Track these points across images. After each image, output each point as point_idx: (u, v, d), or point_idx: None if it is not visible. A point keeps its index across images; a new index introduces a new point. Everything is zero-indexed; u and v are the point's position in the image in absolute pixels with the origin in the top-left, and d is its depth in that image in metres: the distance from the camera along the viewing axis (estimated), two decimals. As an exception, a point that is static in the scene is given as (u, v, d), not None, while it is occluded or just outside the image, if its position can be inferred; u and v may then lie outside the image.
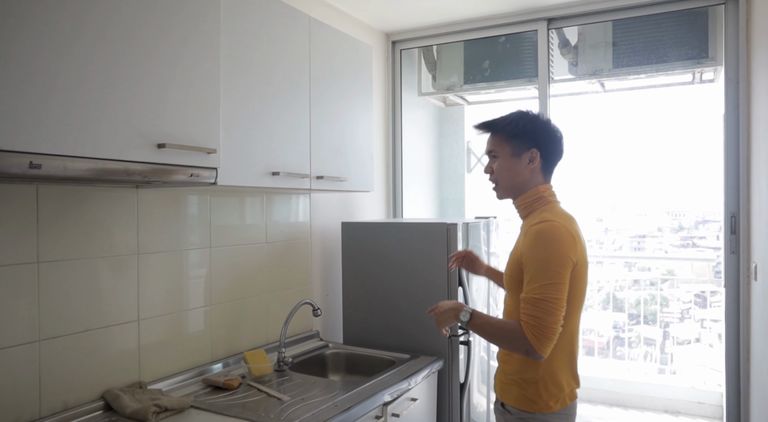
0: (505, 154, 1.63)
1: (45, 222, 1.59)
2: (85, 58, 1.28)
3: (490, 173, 1.69)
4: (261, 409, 1.76)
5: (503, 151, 1.63)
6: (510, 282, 1.61)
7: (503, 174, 1.64)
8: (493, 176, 1.68)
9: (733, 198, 2.62)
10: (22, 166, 1.17)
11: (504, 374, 1.65)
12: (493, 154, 1.66)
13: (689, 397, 4.05)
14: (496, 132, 1.66)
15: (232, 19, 1.77)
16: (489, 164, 1.69)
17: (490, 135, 1.69)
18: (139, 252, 1.86)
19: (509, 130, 1.63)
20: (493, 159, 1.67)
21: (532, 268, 1.48)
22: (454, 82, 3.54)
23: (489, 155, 1.69)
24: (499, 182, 1.67)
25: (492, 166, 1.67)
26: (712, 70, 3.12)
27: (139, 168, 1.42)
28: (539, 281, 1.46)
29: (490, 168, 1.68)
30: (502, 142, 1.64)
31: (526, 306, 1.47)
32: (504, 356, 1.65)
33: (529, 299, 1.46)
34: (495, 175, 1.67)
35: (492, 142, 1.67)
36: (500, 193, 1.69)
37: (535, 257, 1.49)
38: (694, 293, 5.54)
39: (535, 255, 1.48)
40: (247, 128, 1.84)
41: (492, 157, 1.67)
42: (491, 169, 1.68)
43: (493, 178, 1.69)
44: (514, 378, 1.60)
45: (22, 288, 1.54)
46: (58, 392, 1.62)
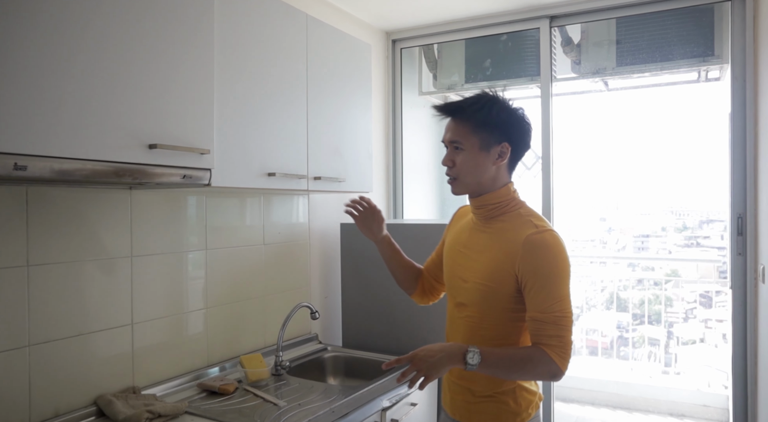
0: (471, 147, 1.39)
1: (35, 225, 1.56)
2: (72, 56, 1.24)
3: (450, 166, 1.43)
4: (257, 415, 1.72)
5: (470, 143, 1.39)
6: (487, 294, 1.39)
7: (467, 169, 1.40)
8: (454, 170, 1.42)
9: (740, 198, 2.57)
10: (6, 167, 1.14)
11: (471, 393, 1.45)
12: (457, 145, 1.41)
13: (694, 400, 4.01)
14: (462, 118, 1.40)
15: (226, 16, 1.73)
16: (449, 156, 1.43)
17: (452, 121, 1.43)
18: (133, 255, 1.83)
19: (479, 118, 1.38)
20: (456, 150, 1.41)
21: (544, 283, 1.32)
22: (455, 81, 3.50)
23: (450, 145, 1.43)
24: (459, 177, 1.42)
25: (454, 158, 1.42)
26: (718, 68, 3.08)
27: (130, 169, 1.38)
28: (555, 297, 1.31)
29: (450, 160, 1.42)
30: (469, 133, 1.39)
31: (548, 326, 1.31)
32: (470, 374, 1.40)
33: (551, 318, 1.31)
34: (456, 169, 1.42)
35: (456, 130, 1.41)
36: (459, 188, 1.45)
37: (545, 271, 1.32)
38: (699, 293, 5.50)
39: (546, 270, 1.32)
40: (242, 128, 1.80)
41: (455, 147, 1.42)
42: (452, 161, 1.42)
43: (452, 172, 1.43)
44: (487, 394, 1.42)
45: (11, 292, 1.51)
46: (49, 398, 1.59)
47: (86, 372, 1.69)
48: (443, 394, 1.57)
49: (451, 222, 1.67)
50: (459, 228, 1.57)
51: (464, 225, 1.55)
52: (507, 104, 1.42)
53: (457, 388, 1.49)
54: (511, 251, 1.36)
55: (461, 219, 1.60)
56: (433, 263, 1.73)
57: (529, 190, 4.24)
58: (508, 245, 1.37)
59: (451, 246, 1.55)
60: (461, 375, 1.46)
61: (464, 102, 1.42)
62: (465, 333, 1.46)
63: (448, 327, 1.57)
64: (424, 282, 1.75)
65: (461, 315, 1.46)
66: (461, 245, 1.50)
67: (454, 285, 1.51)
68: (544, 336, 1.31)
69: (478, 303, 1.42)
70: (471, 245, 1.47)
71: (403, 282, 1.75)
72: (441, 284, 1.72)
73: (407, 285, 1.75)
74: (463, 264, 1.47)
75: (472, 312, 1.43)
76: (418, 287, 1.75)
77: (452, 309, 1.52)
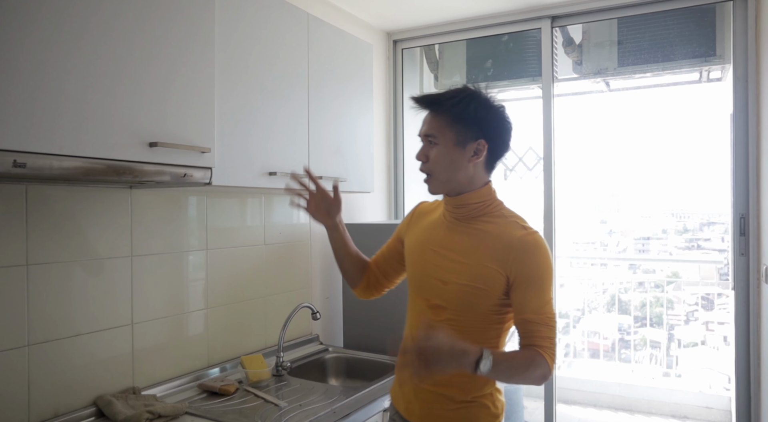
0: (447, 141, 1.34)
1: (35, 224, 1.55)
2: (73, 54, 1.23)
3: (423, 161, 1.39)
4: (257, 416, 1.71)
5: (445, 137, 1.34)
6: (472, 295, 1.33)
7: (441, 165, 1.35)
8: (427, 165, 1.38)
9: (742, 199, 2.56)
10: (5, 164, 1.13)
11: (449, 400, 1.37)
12: (432, 139, 1.36)
13: (697, 402, 3.99)
14: (439, 112, 1.36)
15: (227, 15, 1.72)
16: (423, 150, 1.38)
17: (429, 114, 1.38)
18: (133, 255, 1.82)
19: (457, 112, 1.33)
20: (431, 145, 1.37)
21: (537, 285, 1.29)
22: (456, 81, 3.50)
23: (425, 139, 1.38)
24: (434, 173, 1.37)
25: (427, 152, 1.37)
26: (719, 68, 3.07)
27: (130, 167, 1.37)
28: (546, 299, 1.30)
29: (424, 155, 1.38)
30: (445, 127, 1.34)
31: (542, 328, 1.28)
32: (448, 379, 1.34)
33: (544, 320, 1.28)
34: (430, 165, 1.37)
35: (432, 123, 1.36)
36: (435, 186, 1.40)
37: (539, 272, 1.30)
38: (700, 295, 5.49)
39: (539, 271, 1.30)
40: (243, 127, 1.79)
41: (429, 142, 1.37)
42: (426, 156, 1.38)
43: (426, 167, 1.38)
44: (466, 400, 1.36)
45: (11, 292, 1.50)
46: (48, 398, 1.58)
47: (86, 372, 1.67)
48: (407, 405, 1.45)
49: (411, 218, 1.58)
50: (425, 226, 1.49)
51: (433, 223, 1.47)
52: (487, 100, 1.37)
53: (431, 396, 1.39)
54: (501, 252, 1.31)
55: (424, 217, 1.53)
56: (383, 258, 1.63)
57: (530, 191, 4.24)
58: (497, 246, 1.32)
59: (420, 244, 1.46)
60: (438, 382, 1.36)
61: (443, 95, 1.37)
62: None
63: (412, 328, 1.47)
64: (370, 276, 1.65)
65: (438, 318, 1.38)
66: (436, 245, 1.42)
67: (428, 286, 1.41)
68: (538, 338, 1.27)
69: (460, 306, 1.35)
70: (450, 245, 1.39)
71: (350, 274, 1.64)
72: (388, 280, 1.65)
73: (353, 277, 1.64)
74: (442, 264, 1.39)
75: (452, 315, 1.36)
76: (363, 280, 1.65)
77: (424, 312, 1.42)
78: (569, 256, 5.83)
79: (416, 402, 1.41)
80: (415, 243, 1.49)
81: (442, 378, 1.33)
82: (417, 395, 1.41)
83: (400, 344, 1.31)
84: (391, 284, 1.66)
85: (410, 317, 1.50)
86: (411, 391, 1.43)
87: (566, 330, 5.34)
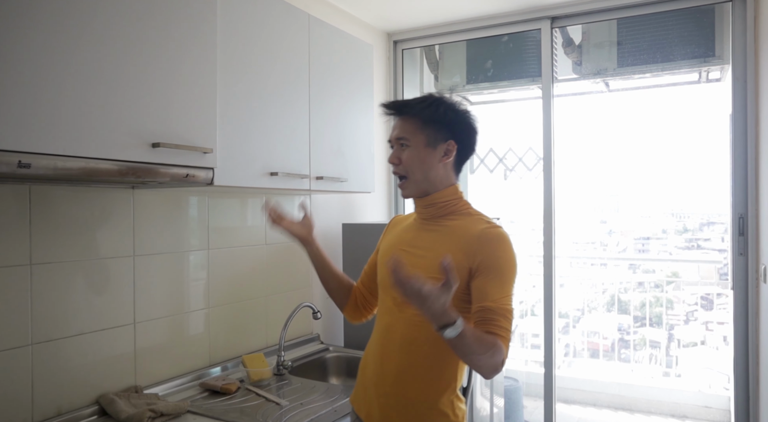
0: (418, 143, 1.40)
1: (38, 224, 1.56)
2: (77, 55, 1.24)
3: (396, 164, 1.43)
4: (259, 414, 1.72)
5: (417, 140, 1.40)
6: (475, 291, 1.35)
7: (415, 166, 1.41)
8: (401, 167, 1.43)
9: (741, 199, 2.57)
10: (10, 165, 1.14)
11: (410, 406, 1.37)
12: (403, 142, 1.42)
13: (696, 401, 4.00)
14: (410, 115, 1.42)
15: (229, 16, 1.73)
16: (396, 153, 1.44)
17: (399, 119, 1.44)
18: (135, 254, 1.83)
19: (427, 114, 1.40)
20: (402, 147, 1.42)
21: (497, 275, 1.31)
22: (456, 82, 3.51)
23: (397, 142, 1.43)
24: (409, 175, 1.42)
25: (400, 155, 1.42)
26: (718, 68, 3.08)
27: (133, 167, 1.38)
28: (505, 292, 1.30)
29: (397, 157, 1.43)
30: (416, 129, 1.40)
31: (499, 317, 1.27)
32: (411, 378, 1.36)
33: (501, 311, 1.28)
34: (404, 166, 1.42)
35: (403, 127, 1.42)
36: (410, 189, 1.44)
37: (500, 263, 1.32)
38: (700, 295, 5.50)
39: (501, 262, 1.32)
40: (244, 128, 1.80)
41: (401, 145, 1.42)
42: (398, 158, 1.43)
43: (400, 169, 1.43)
44: (430, 403, 1.36)
45: (14, 291, 1.51)
46: (52, 396, 1.59)
47: (88, 371, 1.69)
48: (368, 410, 1.45)
49: (386, 231, 1.63)
50: (398, 231, 1.54)
51: (405, 228, 1.52)
52: (455, 104, 1.44)
53: (391, 401, 1.39)
54: (465, 244, 1.35)
55: (398, 225, 1.58)
56: (366, 275, 1.64)
57: (529, 191, 4.25)
58: (462, 239, 1.36)
59: (391, 246, 1.50)
60: (396, 381, 1.38)
61: (412, 100, 1.45)
62: (406, 333, 1.39)
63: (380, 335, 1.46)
64: (357, 296, 1.65)
65: (404, 315, 1.39)
66: (405, 244, 1.46)
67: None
68: (495, 326, 1.26)
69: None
70: (418, 243, 1.43)
71: (337, 292, 1.64)
72: (375, 299, 1.62)
73: (341, 296, 1.65)
74: (409, 261, 1.38)
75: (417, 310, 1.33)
76: (350, 301, 1.65)
77: (391, 310, 1.43)
78: (569, 256, 5.84)
79: (377, 408, 1.42)
80: (386, 247, 1.53)
81: (401, 379, 1.36)
82: (378, 399, 1.41)
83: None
84: (373, 303, 1.64)
85: (378, 321, 1.51)
86: (373, 396, 1.43)
87: (566, 330, 5.35)
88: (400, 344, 1.39)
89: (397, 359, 1.39)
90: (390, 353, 1.41)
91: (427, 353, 1.36)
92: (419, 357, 1.37)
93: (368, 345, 1.52)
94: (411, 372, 1.37)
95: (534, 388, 3.98)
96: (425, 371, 1.37)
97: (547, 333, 2.97)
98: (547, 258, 2.96)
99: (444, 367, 1.37)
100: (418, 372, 1.37)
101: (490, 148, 4.22)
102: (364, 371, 1.50)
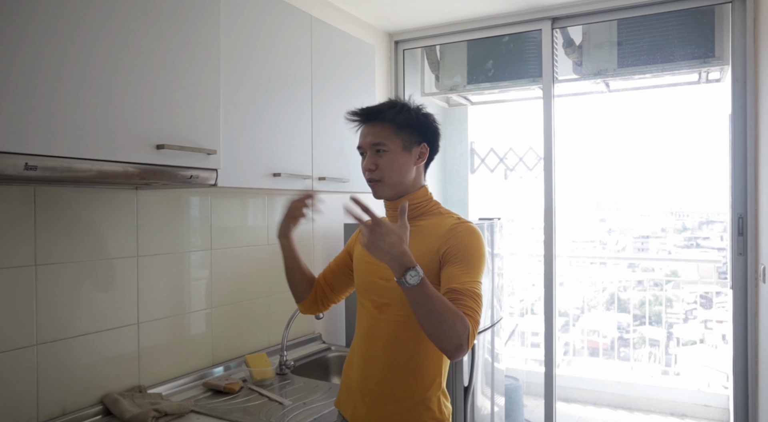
0: (395, 148, 1.42)
1: (42, 225, 1.57)
2: (82, 57, 1.25)
3: (373, 169, 1.43)
4: (262, 414, 1.73)
5: (393, 144, 1.41)
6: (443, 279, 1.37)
7: (392, 170, 1.42)
8: (377, 172, 1.43)
9: (741, 199, 2.59)
10: (17, 167, 1.15)
11: (396, 403, 1.38)
12: (380, 148, 1.42)
13: (695, 400, 4.02)
14: (384, 121, 1.42)
15: (232, 18, 1.74)
16: (371, 160, 1.43)
17: (370, 125, 1.45)
18: (139, 255, 1.84)
19: (401, 119, 1.42)
20: (379, 153, 1.42)
21: (465, 260, 1.32)
22: (457, 82, 3.52)
23: (372, 148, 1.43)
24: (385, 179, 1.43)
25: (377, 161, 1.42)
26: (718, 69, 3.09)
27: (138, 169, 1.39)
28: (473, 277, 1.31)
29: (373, 164, 1.42)
30: (392, 134, 1.42)
31: (466, 299, 1.26)
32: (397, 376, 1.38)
33: (468, 292, 1.27)
34: (380, 171, 1.42)
35: (378, 133, 1.42)
36: (383, 190, 1.45)
37: (468, 251, 1.34)
38: (699, 294, 5.51)
39: (468, 250, 1.34)
40: (247, 129, 1.81)
41: (377, 151, 1.43)
42: (375, 164, 1.42)
43: (376, 175, 1.43)
44: (416, 399, 1.38)
45: (19, 292, 1.52)
46: (56, 396, 1.60)
47: (93, 371, 1.70)
48: (354, 409, 1.46)
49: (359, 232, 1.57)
50: None
51: None
52: (420, 109, 1.48)
53: (379, 399, 1.40)
54: (436, 239, 1.39)
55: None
56: (331, 272, 1.66)
57: (530, 190, 4.26)
58: (433, 236, 1.40)
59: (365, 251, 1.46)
60: (381, 380, 1.40)
61: (381, 106, 1.46)
62: (389, 334, 1.40)
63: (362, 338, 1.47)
64: (318, 290, 1.66)
65: (385, 316, 1.41)
66: None
67: (372, 286, 1.45)
68: (462, 305, 1.25)
69: (402, 299, 1.34)
70: None
71: (301, 287, 1.63)
72: (335, 294, 1.66)
73: (303, 290, 1.63)
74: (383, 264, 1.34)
75: (397, 310, 1.39)
76: (311, 294, 1.65)
77: (371, 313, 1.45)
78: (568, 255, 5.85)
79: (362, 406, 1.43)
80: (360, 251, 1.53)
81: (387, 376, 1.38)
82: (363, 399, 1.42)
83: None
84: (337, 298, 1.68)
85: (358, 324, 1.51)
86: (358, 395, 1.44)
87: (565, 329, 5.36)
88: (383, 344, 1.41)
89: (382, 359, 1.41)
90: (374, 354, 1.42)
91: (411, 352, 1.39)
92: (404, 356, 1.39)
93: (351, 349, 1.54)
94: (396, 370, 1.39)
95: (534, 387, 4.00)
96: (410, 368, 1.39)
97: (548, 332, 2.99)
98: (547, 258, 2.98)
99: (429, 364, 1.39)
100: (404, 369, 1.39)
101: (491, 148, 4.24)
102: (348, 373, 1.51)
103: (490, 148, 4.26)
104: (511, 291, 5.05)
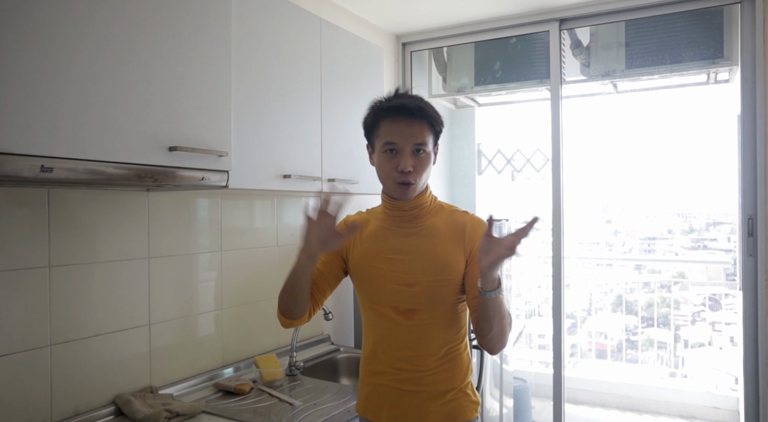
0: (429, 149, 1.39)
1: (56, 226, 1.58)
2: (96, 61, 1.26)
3: (410, 171, 1.35)
4: (272, 414, 1.74)
5: (428, 144, 1.38)
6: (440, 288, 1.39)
7: (427, 173, 1.40)
8: (413, 174, 1.35)
9: (750, 200, 2.57)
10: (33, 169, 1.16)
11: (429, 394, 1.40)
12: (420, 148, 1.36)
13: (705, 402, 4.00)
14: (423, 118, 1.36)
15: (242, 21, 1.75)
16: (411, 160, 1.35)
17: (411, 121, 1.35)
18: (150, 256, 1.85)
19: (434, 117, 1.38)
20: (419, 153, 1.36)
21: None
22: (464, 83, 3.52)
23: (412, 147, 1.35)
24: (418, 182, 1.37)
25: (415, 162, 1.35)
26: (727, 70, 3.08)
27: (151, 171, 1.40)
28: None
29: (412, 164, 1.35)
30: (428, 133, 1.37)
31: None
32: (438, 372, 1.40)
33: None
34: (416, 173, 1.36)
35: (419, 132, 1.35)
36: (413, 193, 1.39)
37: None
38: (707, 296, 5.48)
39: None
40: (258, 131, 1.82)
41: (417, 150, 1.36)
42: (413, 165, 1.35)
43: (412, 177, 1.35)
44: (456, 391, 1.43)
45: (34, 293, 1.53)
46: (70, 397, 1.61)
47: (105, 371, 1.71)
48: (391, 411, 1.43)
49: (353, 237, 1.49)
50: (365, 238, 1.47)
51: (373, 235, 1.46)
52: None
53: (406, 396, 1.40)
54: (456, 234, 1.41)
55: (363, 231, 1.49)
56: (320, 275, 1.52)
57: (537, 192, 4.25)
58: (451, 232, 1.41)
59: (369, 257, 1.44)
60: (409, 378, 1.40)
61: (419, 101, 1.38)
62: (422, 337, 1.40)
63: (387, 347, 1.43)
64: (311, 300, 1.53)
65: (414, 322, 1.39)
66: (389, 252, 1.42)
67: (392, 293, 1.40)
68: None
69: (432, 303, 1.38)
70: (406, 249, 1.41)
71: (303, 304, 1.48)
72: (324, 298, 1.54)
73: (304, 305, 1.48)
74: (402, 269, 1.39)
75: (425, 314, 1.39)
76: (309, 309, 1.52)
77: (394, 320, 1.41)
78: (575, 256, 5.84)
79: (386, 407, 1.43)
80: (361, 257, 1.46)
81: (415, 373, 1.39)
82: (392, 397, 1.42)
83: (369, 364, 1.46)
84: (320, 305, 1.55)
85: (377, 331, 1.46)
86: (395, 396, 1.42)
87: (572, 331, 5.35)
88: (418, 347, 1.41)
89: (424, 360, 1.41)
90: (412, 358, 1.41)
91: (448, 349, 1.43)
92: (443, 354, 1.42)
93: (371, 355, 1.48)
94: (439, 369, 1.41)
95: (542, 389, 3.99)
96: (452, 364, 1.43)
97: (556, 334, 2.98)
98: (556, 259, 2.97)
99: (464, 356, 1.46)
100: (447, 366, 1.42)
101: (498, 149, 4.24)
102: (374, 380, 1.47)
103: (497, 149, 4.26)
104: (518, 292, 5.05)
